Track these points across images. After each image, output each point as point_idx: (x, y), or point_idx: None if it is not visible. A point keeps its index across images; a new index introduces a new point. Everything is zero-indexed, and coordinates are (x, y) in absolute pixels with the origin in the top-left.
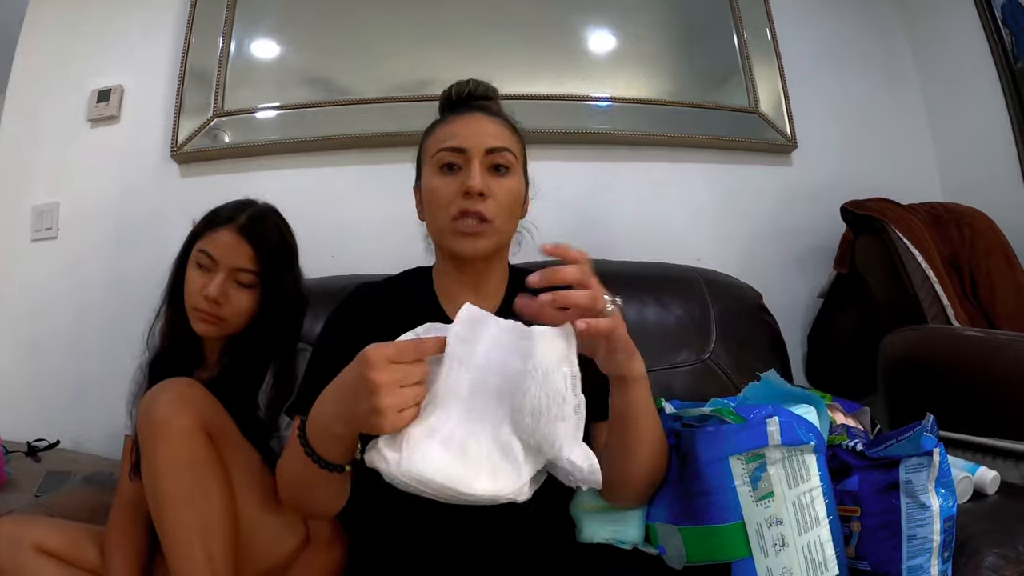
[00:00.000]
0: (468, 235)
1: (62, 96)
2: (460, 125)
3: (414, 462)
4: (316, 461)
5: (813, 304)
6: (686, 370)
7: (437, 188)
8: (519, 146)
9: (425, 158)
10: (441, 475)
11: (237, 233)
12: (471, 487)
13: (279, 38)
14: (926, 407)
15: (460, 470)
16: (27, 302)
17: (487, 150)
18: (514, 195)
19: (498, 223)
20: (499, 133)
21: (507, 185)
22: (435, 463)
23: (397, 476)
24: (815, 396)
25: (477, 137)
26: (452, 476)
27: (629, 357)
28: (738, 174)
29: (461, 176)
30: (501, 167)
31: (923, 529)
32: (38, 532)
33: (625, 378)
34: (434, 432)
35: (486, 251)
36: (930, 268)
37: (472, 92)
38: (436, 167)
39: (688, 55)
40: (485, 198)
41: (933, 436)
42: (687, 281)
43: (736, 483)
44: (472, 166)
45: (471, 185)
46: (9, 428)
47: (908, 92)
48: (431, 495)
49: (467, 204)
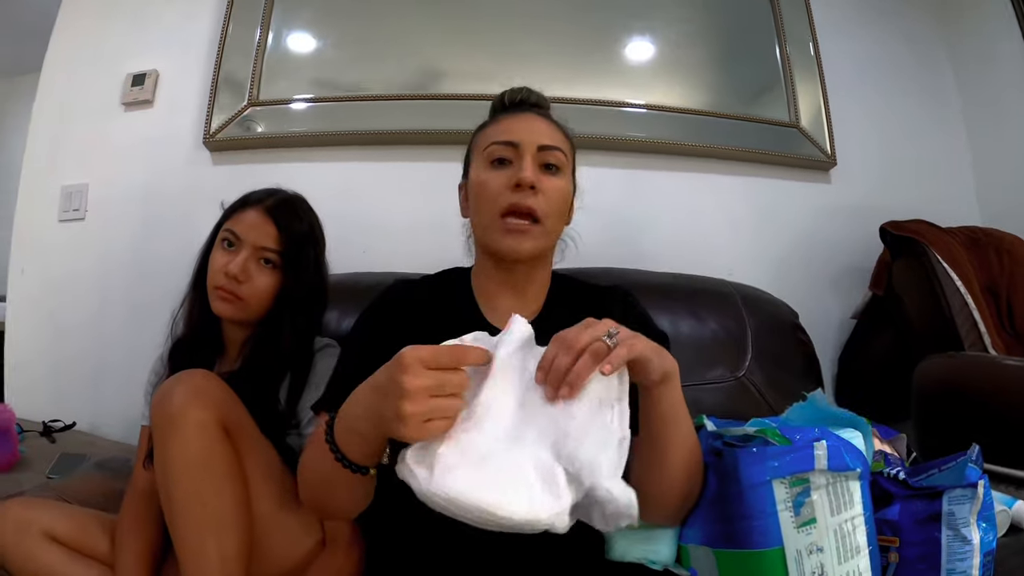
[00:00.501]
0: (514, 232)
1: (96, 78)
2: (513, 122)
3: (445, 482)
4: (340, 460)
5: (846, 325)
6: (720, 387)
7: (486, 181)
8: (570, 149)
9: (475, 154)
10: (474, 497)
11: (264, 213)
12: (507, 511)
13: (317, 30)
14: (960, 436)
15: (496, 494)
16: (51, 281)
17: (540, 147)
18: (563, 195)
19: (548, 223)
20: (552, 133)
21: (557, 184)
22: (467, 484)
23: (427, 495)
24: (861, 421)
25: (530, 133)
26: (486, 499)
27: (659, 355)
28: (775, 189)
29: (512, 170)
30: (552, 166)
31: (963, 563)
32: (47, 517)
33: (661, 378)
34: (469, 451)
35: (531, 252)
36: (969, 294)
37: (524, 99)
38: (486, 161)
39: (728, 66)
40: (536, 192)
41: (978, 467)
42: (723, 295)
43: (778, 507)
44: (524, 160)
45: (523, 177)
46: (26, 407)
47: (949, 114)
48: (463, 518)
49: (517, 198)
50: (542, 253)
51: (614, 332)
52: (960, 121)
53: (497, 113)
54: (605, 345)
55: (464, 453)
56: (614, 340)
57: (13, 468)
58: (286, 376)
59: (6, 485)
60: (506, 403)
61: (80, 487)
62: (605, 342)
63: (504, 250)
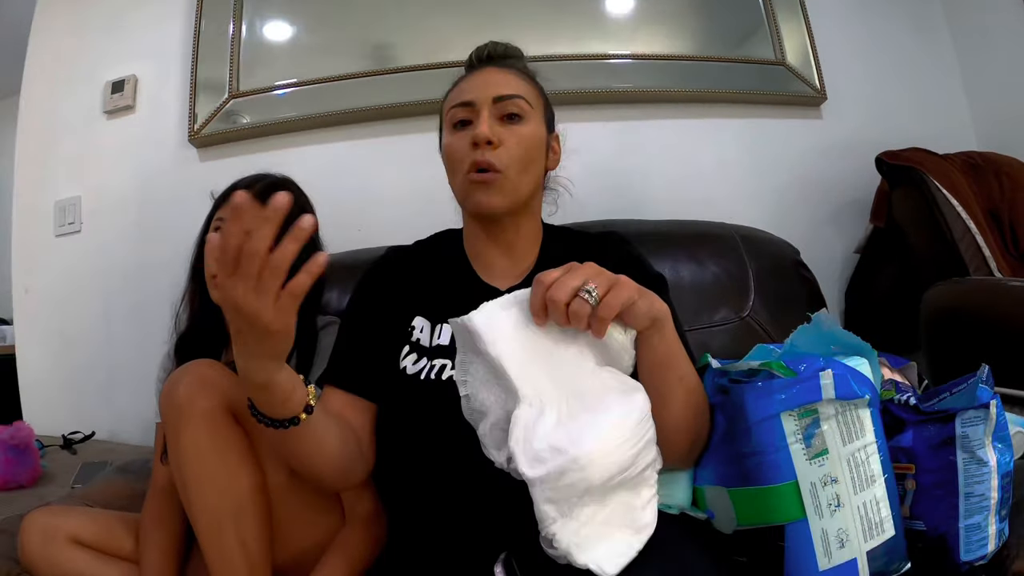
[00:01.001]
0: (479, 185)
1: (76, 90)
2: (469, 81)
3: (584, 442)
4: (269, 424)
5: (850, 260)
6: (725, 328)
7: (450, 144)
8: (534, 93)
9: (443, 120)
10: (606, 431)
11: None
12: (631, 415)
13: (289, 17)
14: (971, 361)
15: (615, 416)
16: (55, 296)
17: (495, 99)
18: (528, 142)
19: (511, 173)
20: (508, 81)
21: (519, 132)
22: (594, 430)
23: (579, 460)
24: (867, 347)
25: (484, 88)
26: (608, 428)
27: (645, 298)
28: (767, 128)
29: (472, 129)
30: (514, 116)
31: (980, 486)
32: (72, 522)
33: (650, 323)
34: (560, 417)
35: (502, 205)
36: (971, 219)
37: (491, 53)
38: (450, 125)
39: (709, 10)
40: (494, 147)
41: (989, 388)
42: (723, 238)
43: (788, 441)
44: (480, 116)
45: (476, 133)
46: (45, 422)
47: (938, 41)
48: (612, 460)
49: (476, 155)
50: (519, 204)
51: (592, 288)
52: (950, 47)
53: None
54: (587, 305)
55: (560, 421)
56: (594, 297)
57: (37, 483)
58: (292, 358)
59: (32, 500)
60: (537, 365)
61: (103, 492)
62: (586, 300)
63: (474, 206)
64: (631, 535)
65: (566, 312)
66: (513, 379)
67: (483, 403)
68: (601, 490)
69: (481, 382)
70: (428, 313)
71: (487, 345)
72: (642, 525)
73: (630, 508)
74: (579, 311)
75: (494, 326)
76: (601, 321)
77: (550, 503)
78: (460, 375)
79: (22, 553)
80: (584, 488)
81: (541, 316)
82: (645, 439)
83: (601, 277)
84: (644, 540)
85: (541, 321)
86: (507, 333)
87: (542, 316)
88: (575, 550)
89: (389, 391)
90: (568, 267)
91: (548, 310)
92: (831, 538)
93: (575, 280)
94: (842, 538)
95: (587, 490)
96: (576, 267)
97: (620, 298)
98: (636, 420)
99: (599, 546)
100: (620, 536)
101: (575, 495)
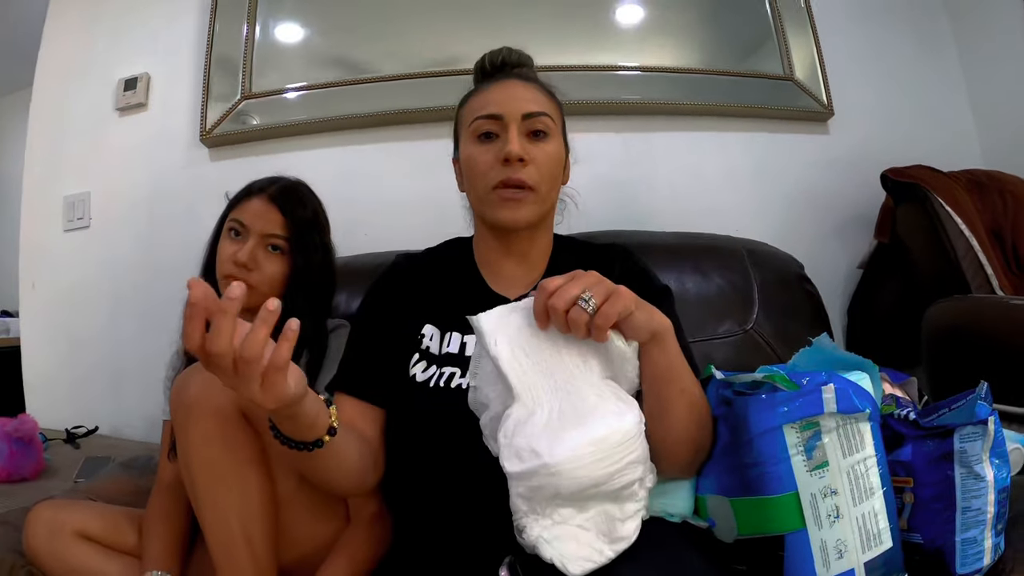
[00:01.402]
0: (509, 201)
1: (89, 87)
2: (495, 92)
3: (557, 449)
4: (286, 443)
5: (853, 275)
6: (728, 341)
7: (475, 156)
8: (557, 110)
9: (462, 128)
10: (585, 441)
11: (268, 201)
12: (617, 430)
13: (303, 19)
14: (971, 378)
15: (599, 426)
16: (62, 291)
17: (524, 115)
18: (554, 160)
19: (541, 190)
20: (535, 98)
21: (547, 150)
22: (573, 439)
23: (552, 468)
24: (868, 363)
25: (513, 103)
26: (595, 434)
27: (644, 311)
28: (774, 143)
29: (499, 143)
30: (540, 132)
31: (977, 500)
32: (78, 516)
33: (650, 337)
34: (549, 420)
35: (528, 220)
36: (974, 237)
37: (506, 60)
38: (473, 136)
39: (718, 24)
40: (525, 164)
41: (987, 404)
42: (728, 251)
43: (790, 452)
44: (510, 132)
45: (509, 151)
46: (48, 416)
47: (946, 59)
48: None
49: (507, 172)
50: (540, 218)
51: (588, 297)
52: (957, 65)
53: (479, 81)
54: (585, 314)
55: (547, 425)
56: (591, 306)
57: (40, 476)
58: (302, 359)
59: (35, 493)
60: (536, 368)
61: (107, 487)
62: (584, 309)
63: (502, 221)
64: (605, 543)
65: (565, 319)
66: (510, 379)
67: (487, 396)
68: (577, 497)
69: (487, 377)
70: (438, 321)
71: (489, 345)
72: (619, 536)
73: (610, 518)
74: (577, 319)
75: (498, 328)
76: (598, 329)
77: (522, 499)
78: (473, 367)
79: (27, 546)
80: (553, 493)
81: (544, 320)
82: (627, 460)
83: (600, 287)
84: (618, 551)
85: (544, 325)
86: (510, 336)
87: (544, 321)
88: (542, 544)
89: (399, 398)
90: (571, 275)
91: (549, 316)
92: (830, 548)
93: (575, 289)
94: (840, 549)
95: (556, 495)
96: (578, 275)
97: (616, 308)
98: (617, 441)
99: (568, 544)
100: (593, 541)
101: (545, 497)
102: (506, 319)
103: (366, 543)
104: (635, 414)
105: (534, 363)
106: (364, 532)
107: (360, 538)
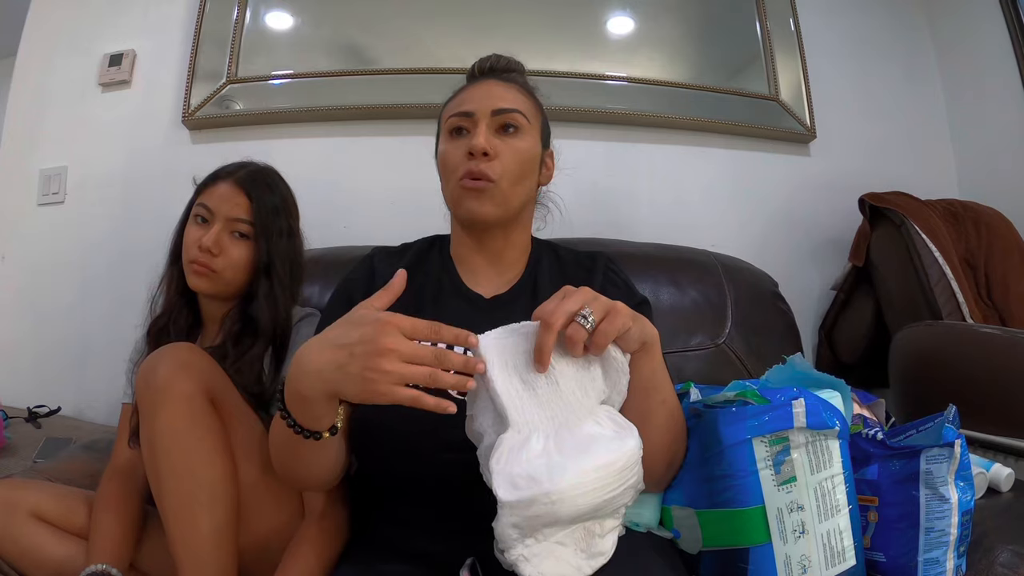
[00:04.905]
0: (471, 191)
1: (73, 60)
2: (472, 91)
3: (558, 477)
4: (292, 426)
5: (826, 296)
6: (700, 354)
7: (447, 152)
8: (533, 109)
9: (441, 127)
10: (590, 467)
11: (234, 185)
12: (619, 456)
13: (294, 7)
14: (938, 403)
15: (601, 454)
16: (32, 266)
17: (494, 111)
18: (523, 156)
19: (504, 184)
20: (508, 95)
21: (515, 146)
22: (576, 465)
23: (552, 495)
24: (840, 383)
25: (486, 100)
26: (597, 461)
27: (638, 324)
28: (755, 161)
29: (468, 139)
30: (510, 127)
31: (941, 522)
32: (33, 497)
33: (640, 347)
34: (545, 447)
35: (492, 214)
36: (947, 265)
37: (494, 66)
38: (447, 133)
39: (708, 41)
40: (490, 158)
41: (955, 427)
42: (704, 265)
43: (759, 466)
44: (478, 128)
45: (473, 144)
46: (10, 393)
47: (929, 89)
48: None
49: (471, 164)
50: (509, 215)
51: (588, 313)
52: (940, 96)
53: (464, 85)
54: (583, 331)
55: (544, 451)
56: (590, 323)
57: None
58: (268, 347)
59: None
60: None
61: (67, 469)
62: (582, 325)
63: (465, 213)
64: (584, 559)
65: (560, 330)
66: (504, 405)
67: (481, 425)
68: (568, 522)
69: (482, 405)
70: (410, 315)
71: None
72: (597, 552)
73: (590, 534)
74: (575, 336)
75: (494, 349)
76: (596, 347)
77: (515, 528)
78: (470, 395)
79: None
80: (551, 520)
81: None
82: (626, 485)
83: (597, 303)
84: (595, 567)
85: (544, 368)
86: (506, 359)
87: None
88: (522, 562)
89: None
90: (563, 292)
91: (543, 333)
92: (793, 564)
93: (572, 305)
94: (804, 564)
95: (554, 523)
96: (571, 291)
97: (615, 325)
98: (621, 467)
99: (546, 562)
100: (571, 558)
101: (540, 525)
102: (503, 341)
103: (325, 533)
104: (635, 440)
105: (529, 389)
106: (315, 527)
107: (311, 533)
